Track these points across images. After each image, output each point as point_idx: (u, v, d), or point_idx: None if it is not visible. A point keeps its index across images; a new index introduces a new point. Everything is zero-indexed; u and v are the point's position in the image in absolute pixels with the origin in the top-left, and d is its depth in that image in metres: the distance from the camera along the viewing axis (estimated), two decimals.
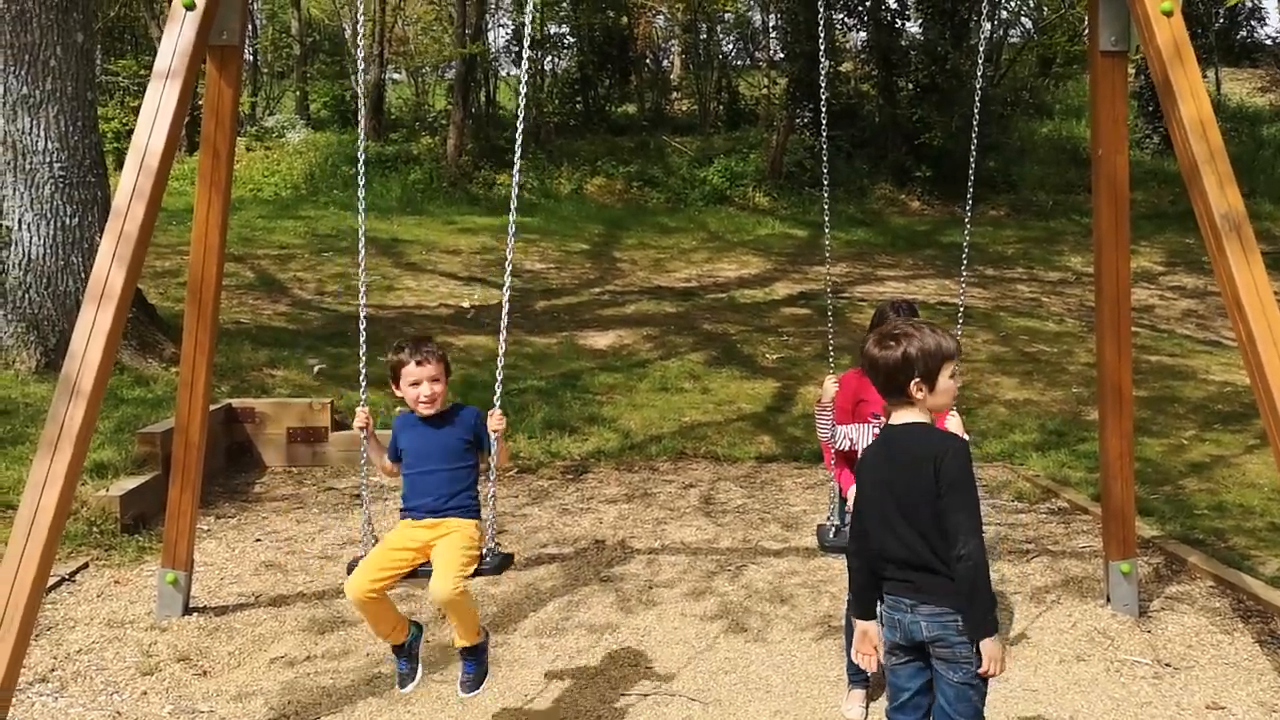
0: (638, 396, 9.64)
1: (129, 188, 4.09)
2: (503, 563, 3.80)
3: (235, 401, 7.93)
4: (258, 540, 6.27)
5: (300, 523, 6.61)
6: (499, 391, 3.83)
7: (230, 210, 4.91)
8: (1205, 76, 23.46)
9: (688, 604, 5.41)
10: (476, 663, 3.85)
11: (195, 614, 5.13)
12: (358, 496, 7.15)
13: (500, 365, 3.87)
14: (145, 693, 4.38)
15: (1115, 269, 4.94)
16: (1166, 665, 4.70)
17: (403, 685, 3.91)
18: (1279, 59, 27.37)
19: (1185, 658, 4.79)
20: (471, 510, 3.79)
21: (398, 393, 3.84)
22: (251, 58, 27.06)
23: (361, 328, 3.92)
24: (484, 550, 3.73)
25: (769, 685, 4.57)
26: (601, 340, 11.56)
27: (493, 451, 3.79)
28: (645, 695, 4.45)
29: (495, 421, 3.74)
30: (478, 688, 3.86)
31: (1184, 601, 5.41)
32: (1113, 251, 4.91)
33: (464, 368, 9.60)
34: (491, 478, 3.92)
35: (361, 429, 3.81)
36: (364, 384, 3.93)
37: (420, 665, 3.93)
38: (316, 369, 9.52)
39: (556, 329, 11.85)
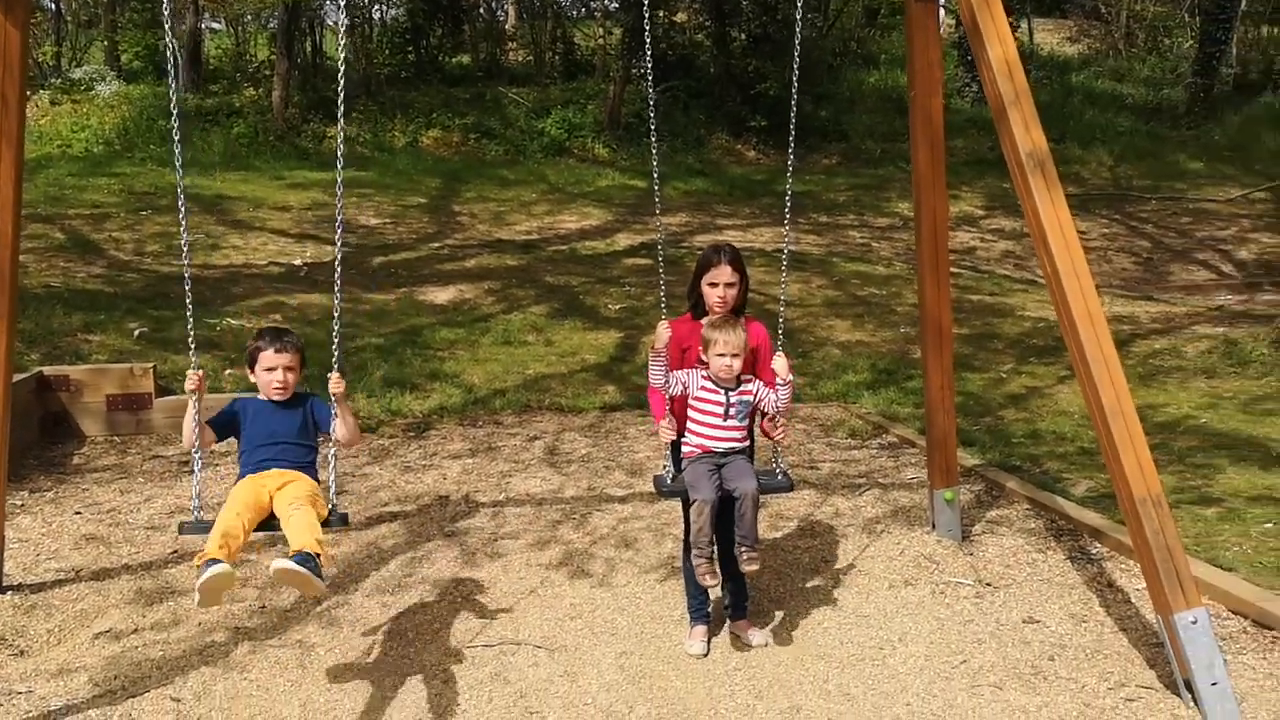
0: (480, 351, 9.54)
1: None
2: (341, 521, 3.90)
3: (47, 369, 7.45)
4: (77, 513, 5.94)
5: (124, 493, 6.29)
6: (336, 354, 3.91)
7: (24, 162, 4.57)
8: (1017, 26, 24.50)
9: (533, 554, 5.42)
10: (305, 560, 3.52)
11: (9, 592, 4.84)
12: (186, 464, 6.87)
13: (336, 326, 3.95)
14: None
15: (933, 208, 5.12)
16: (987, 585, 4.98)
17: (202, 573, 3.44)
18: (1087, 10, 28.81)
19: (1004, 577, 5.08)
20: (313, 478, 3.89)
21: (252, 378, 3.97)
22: (54, 4, 25.21)
23: (187, 289, 3.91)
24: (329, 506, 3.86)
25: (615, 628, 4.63)
26: (442, 295, 11.36)
27: (333, 424, 3.86)
28: (491, 646, 4.45)
29: (334, 384, 3.85)
30: (298, 566, 3.47)
31: (1003, 525, 5.74)
32: (930, 191, 5.09)
33: (299, 327, 9.26)
34: (333, 440, 3.93)
35: (193, 391, 3.80)
36: (193, 346, 3.95)
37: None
38: (137, 333, 9.04)
39: (395, 285, 11.57)
